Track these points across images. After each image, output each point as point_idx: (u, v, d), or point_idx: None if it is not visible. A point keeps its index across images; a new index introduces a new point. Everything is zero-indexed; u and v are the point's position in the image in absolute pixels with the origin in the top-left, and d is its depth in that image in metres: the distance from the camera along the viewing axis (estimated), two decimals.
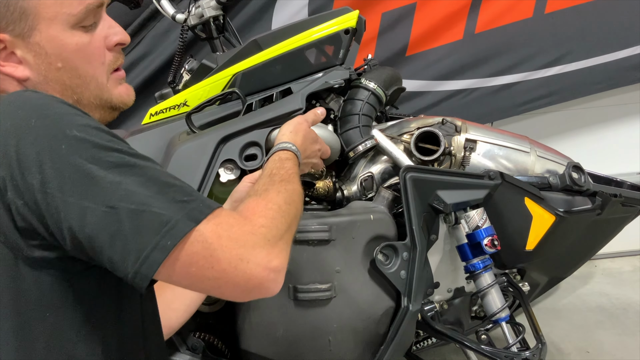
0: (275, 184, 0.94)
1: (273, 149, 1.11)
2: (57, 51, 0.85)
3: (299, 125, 1.19)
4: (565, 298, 2.51)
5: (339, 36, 1.52)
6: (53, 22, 0.83)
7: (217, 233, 0.75)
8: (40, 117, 0.74)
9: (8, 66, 0.85)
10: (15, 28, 0.83)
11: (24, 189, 0.72)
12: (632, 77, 2.52)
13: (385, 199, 1.46)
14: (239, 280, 0.75)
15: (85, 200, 0.72)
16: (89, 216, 0.71)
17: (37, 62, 0.85)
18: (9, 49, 0.84)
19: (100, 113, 0.93)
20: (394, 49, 2.33)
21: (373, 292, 1.38)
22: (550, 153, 1.63)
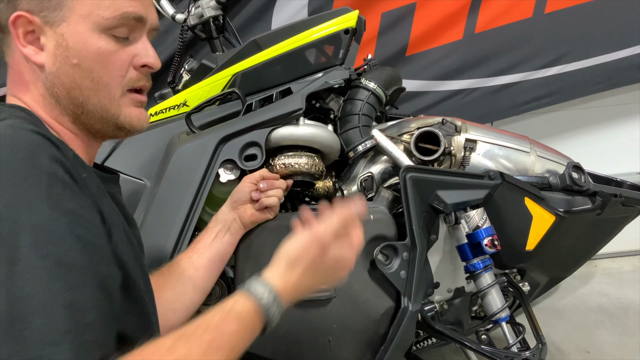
0: (201, 345, 0.75)
1: (247, 283, 0.87)
2: (78, 47, 0.84)
3: (308, 251, 0.90)
4: (566, 298, 2.51)
5: (338, 36, 1.52)
6: (84, 20, 0.83)
7: None
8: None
9: (30, 48, 0.85)
10: (48, 15, 0.83)
11: None
12: (631, 77, 2.52)
13: (385, 199, 1.46)
14: None
15: None
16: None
17: (56, 52, 0.84)
18: (37, 33, 0.84)
19: (103, 126, 0.90)
20: (394, 49, 2.33)
21: (373, 292, 1.38)
22: (550, 153, 1.63)
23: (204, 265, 1.23)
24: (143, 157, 1.48)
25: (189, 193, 1.34)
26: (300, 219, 0.93)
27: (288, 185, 1.38)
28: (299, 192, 1.49)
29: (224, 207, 1.31)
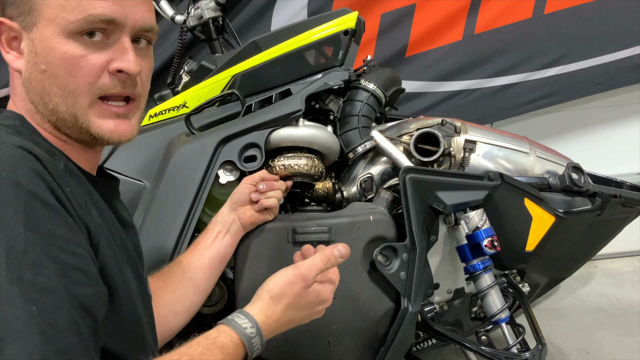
0: None
1: (228, 317, 0.90)
2: (44, 53, 0.81)
3: (291, 286, 0.94)
4: (565, 299, 2.51)
5: (338, 37, 1.52)
6: (51, 24, 0.80)
7: None
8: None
9: (11, 54, 0.84)
10: (24, 20, 0.81)
11: None
12: (631, 77, 2.52)
13: (385, 200, 1.46)
14: None
15: None
16: None
17: (28, 58, 0.82)
18: (18, 39, 0.83)
19: (79, 134, 0.86)
20: (394, 50, 2.32)
21: (373, 293, 1.38)
22: (549, 154, 1.63)
23: (204, 266, 1.23)
24: (143, 159, 1.48)
25: (188, 194, 1.34)
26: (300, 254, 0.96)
27: (287, 186, 1.39)
28: (298, 194, 1.50)
29: (224, 208, 1.31)
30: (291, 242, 1.33)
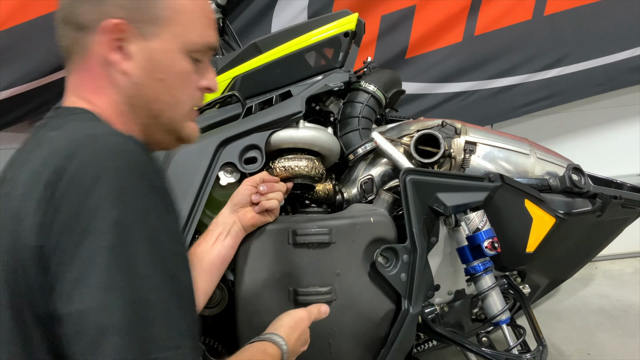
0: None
1: (264, 335, 1.02)
2: (166, 64, 0.86)
3: (301, 322, 1.08)
4: (566, 300, 2.51)
5: (338, 39, 1.52)
6: (175, 39, 0.86)
7: None
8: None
9: (117, 55, 0.84)
10: (143, 27, 0.84)
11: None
12: (631, 78, 2.52)
13: (385, 201, 1.46)
14: None
15: (93, 278, 0.67)
16: (85, 296, 0.67)
17: (145, 64, 0.85)
18: (128, 41, 0.84)
19: (165, 137, 0.93)
20: (394, 52, 2.33)
21: (373, 294, 1.38)
22: (550, 155, 1.63)
23: (205, 268, 1.23)
24: None
25: (189, 196, 1.34)
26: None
27: (288, 188, 1.39)
28: (299, 195, 1.50)
29: (224, 210, 1.31)
30: (292, 244, 1.33)
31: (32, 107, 2.12)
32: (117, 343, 0.65)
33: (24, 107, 2.09)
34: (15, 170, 0.77)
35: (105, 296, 0.66)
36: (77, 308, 0.66)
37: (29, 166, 0.74)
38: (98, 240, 0.67)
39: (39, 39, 2.00)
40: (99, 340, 0.65)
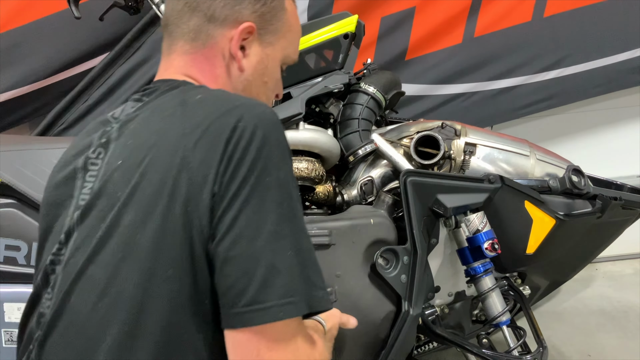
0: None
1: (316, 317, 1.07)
2: (271, 70, 0.99)
3: (332, 317, 1.13)
4: (567, 301, 2.51)
5: (338, 41, 1.52)
6: (281, 51, 0.99)
7: (309, 340, 0.81)
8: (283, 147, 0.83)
9: (240, 52, 0.94)
10: (264, 35, 0.96)
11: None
12: (631, 80, 2.52)
13: (385, 203, 1.46)
14: None
15: (252, 228, 0.76)
16: (241, 244, 0.75)
17: (257, 66, 0.96)
18: (250, 43, 0.95)
19: None
20: (394, 53, 2.33)
21: (374, 296, 1.38)
22: (550, 156, 1.63)
23: None
24: None
25: None
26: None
27: None
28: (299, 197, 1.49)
29: None
30: None
31: (32, 109, 2.12)
32: (285, 281, 0.75)
33: (23, 109, 2.10)
34: (154, 124, 0.84)
35: (276, 242, 0.76)
36: (250, 250, 0.75)
37: (193, 121, 0.81)
38: (268, 195, 0.77)
39: (39, 41, 2.01)
40: (270, 279, 0.74)
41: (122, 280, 0.76)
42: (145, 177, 0.79)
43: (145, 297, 0.76)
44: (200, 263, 0.77)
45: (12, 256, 1.35)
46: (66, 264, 0.82)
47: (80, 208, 0.84)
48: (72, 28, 2.01)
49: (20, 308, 1.36)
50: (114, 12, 1.63)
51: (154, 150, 0.81)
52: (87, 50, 2.09)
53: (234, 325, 0.75)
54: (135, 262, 0.77)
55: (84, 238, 0.81)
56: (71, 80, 2.11)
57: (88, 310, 0.77)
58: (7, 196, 1.37)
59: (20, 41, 1.96)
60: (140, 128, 0.86)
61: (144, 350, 0.75)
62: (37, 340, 0.82)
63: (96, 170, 0.86)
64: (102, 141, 0.89)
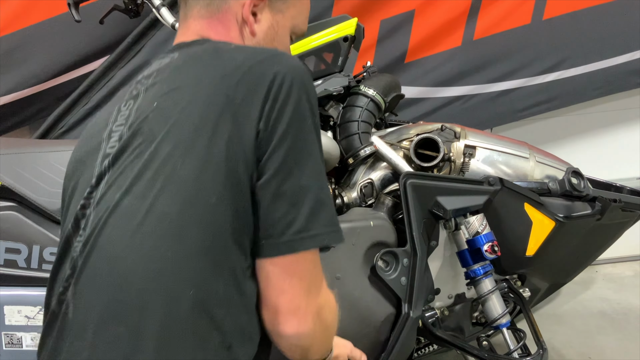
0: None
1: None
2: (281, 36, 1.02)
3: (343, 347, 1.16)
4: (567, 303, 2.51)
5: (337, 44, 1.53)
6: (290, 20, 1.02)
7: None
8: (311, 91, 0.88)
9: (251, 17, 0.97)
10: (275, 2, 0.99)
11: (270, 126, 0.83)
12: (631, 82, 2.53)
13: (385, 205, 1.46)
14: (293, 308, 0.85)
15: (299, 166, 0.83)
16: (292, 179, 0.82)
17: (267, 32, 0.99)
18: (261, 9, 0.98)
19: None
20: (393, 56, 2.33)
21: (373, 298, 1.38)
22: (549, 159, 1.63)
23: None
24: None
25: None
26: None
27: None
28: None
29: None
30: None
31: (32, 112, 2.13)
32: (328, 213, 0.85)
33: (24, 112, 2.10)
34: (189, 70, 0.89)
35: (319, 178, 0.85)
36: (300, 185, 0.82)
37: (232, 64, 0.85)
38: (309, 136, 0.85)
39: (39, 44, 2.01)
40: (316, 211, 0.83)
41: (162, 208, 0.79)
42: (184, 114, 0.83)
43: (186, 224, 0.79)
44: (244, 194, 0.82)
45: (13, 259, 1.35)
46: (98, 202, 0.85)
47: (111, 154, 0.87)
48: (72, 31, 2.01)
49: (20, 311, 1.36)
50: (114, 15, 1.63)
51: (192, 89, 0.85)
52: (88, 54, 2.10)
53: (283, 252, 0.82)
54: (176, 192, 0.80)
55: (118, 176, 0.84)
56: (71, 83, 2.11)
57: (126, 240, 0.80)
58: (7, 199, 1.37)
59: (20, 44, 1.96)
60: (175, 74, 0.90)
61: (185, 277, 0.79)
62: (71, 278, 0.84)
63: (124, 118, 0.89)
64: (133, 94, 0.93)
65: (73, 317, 0.82)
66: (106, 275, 0.80)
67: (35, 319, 1.36)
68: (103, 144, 0.90)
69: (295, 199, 0.83)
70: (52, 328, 0.86)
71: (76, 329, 0.81)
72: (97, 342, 0.79)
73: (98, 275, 0.81)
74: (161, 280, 0.78)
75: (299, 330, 0.85)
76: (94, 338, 0.79)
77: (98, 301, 0.80)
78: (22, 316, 1.36)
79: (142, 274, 0.78)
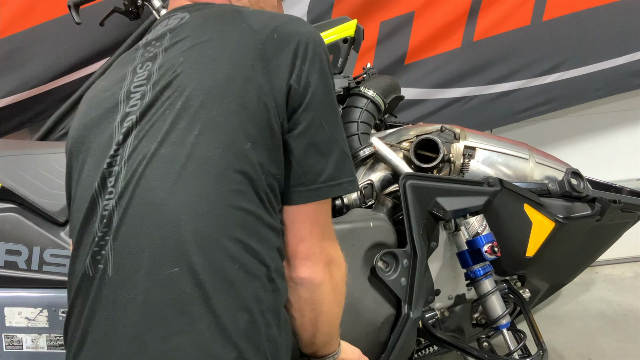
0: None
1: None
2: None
3: (352, 354, 1.18)
4: (567, 305, 2.51)
5: (337, 45, 1.53)
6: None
7: None
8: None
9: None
10: None
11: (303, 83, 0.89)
12: (630, 83, 2.53)
13: (385, 206, 1.46)
14: (312, 252, 0.93)
15: (327, 119, 0.90)
16: (322, 131, 0.90)
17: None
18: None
19: None
20: (393, 58, 2.33)
21: (373, 299, 1.38)
22: (549, 159, 1.64)
23: None
24: None
25: None
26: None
27: None
28: None
29: None
30: None
31: (32, 114, 2.13)
32: (350, 164, 0.94)
33: (24, 114, 2.10)
34: (213, 26, 0.92)
35: (341, 132, 0.94)
36: (328, 137, 0.90)
37: (259, 22, 0.90)
38: (332, 92, 0.93)
39: (40, 46, 2.01)
40: (341, 161, 0.92)
41: (202, 153, 0.83)
42: (214, 64, 0.86)
43: (225, 168, 0.83)
44: (276, 141, 0.87)
45: (13, 260, 1.35)
46: (130, 156, 0.86)
47: (136, 112, 0.88)
48: (72, 33, 2.02)
49: (21, 312, 1.36)
50: (115, 17, 1.64)
51: (221, 41, 0.89)
52: (88, 56, 2.10)
53: (312, 198, 0.90)
54: (214, 136, 0.83)
55: (149, 128, 0.86)
56: (72, 85, 2.11)
57: (169, 185, 0.82)
58: (8, 201, 1.37)
59: (21, 46, 1.96)
60: (198, 30, 0.92)
61: (229, 218, 0.83)
62: (107, 235, 0.85)
63: (144, 79, 0.91)
64: (147, 56, 0.94)
65: (114, 271, 0.83)
66: (154, 220, 0.82)
67: (35, 320, 1.36)
68: (121, 106, 0.91)
69: (325, 149, 0.90)
70: (84, 291, 0.87)
71: (120, 280, 0.83)
72: (151, 285, 0.80)
73: (144, 221, 0.82)
74: (209, 221, 0.81)
75: (311, 276, 0.92)
76: (147, 282, 0.81)
77: (148, 245, 0.82)
78: (23, 318, 1.36)
79: (191, 215, 0.81)
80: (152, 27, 1.01)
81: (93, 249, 0.86)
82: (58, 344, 1.36)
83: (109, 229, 0.85)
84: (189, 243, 0.80)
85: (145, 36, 1.01)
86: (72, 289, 0.89)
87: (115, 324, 0.82)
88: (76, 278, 0.88)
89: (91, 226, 0.87)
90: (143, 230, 0.82)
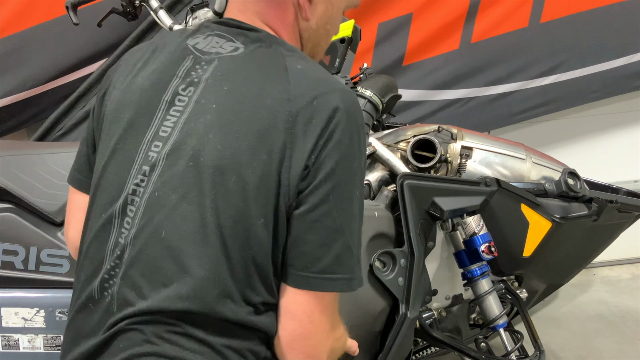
0: None
1: None
2: (334, 18, 1.02)
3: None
4: (564, 306, 2.51)
5: (334, 45, 1.53)
6: (345, 0, 1.03)
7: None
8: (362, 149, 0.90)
9: (307, 2, 0.97)
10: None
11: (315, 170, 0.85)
12: (628, 85, 2.53)
13: (386, 197, 1.47)
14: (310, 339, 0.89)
15: (337, 208, 0.85)
16: (327, 219, 0.84)
17: (322, 15, 0.99)
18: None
19: None
20: (391, 59, 2.34)
21: (371, 299, 1.37)
22: (545, 160, 1.64)
23: None
24: None
25: None
26: None
27: None
28: None
29: None
30: None
31: (30, 114, 2.13)
32: (353, 261, 0.87)
33: (22, 114, 2.10)
34: (255, 79, 0.89)
35: (352, 223, 0.87)
36: (334, 226, 0.84)
37: (297, 90, 0.86)
38: (353, 179, 0.86)
39: (38, 47, 2.02)
40: (343, 255, 0.85)
41: (216, 220, 0.83)
42: (242, 126, 0.85)
43: (235, 240, 0.83)
44: (282, 220, 0.84)
45: (10, 261, 1.35)
46: (150, 197, 0.86)
47: (165, 143, 0.87)
48: (70, 34, 2.02)
49: (17, 313, 1.36)
50: (112, 18, 1.64)
51: (255, 103, 0.86)
52: (86, 56, 2.10)
53: (300, 285, 0.85)
54: (230, 204, 0.83)
55: (172, 175, 0.86)
56: (69, 85, 2.12)
57: (184, 246, 0.83)
58: (5, 201, 1.37)
59: (18, 47, 1.97)
60: (239, 77, 0.89)
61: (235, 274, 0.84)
62: (117, 268, 0.86)
63: (182, 106, 0.89)
64: (192, 78, 0.91)
65: (118, 309, 0.85)
66: (160, 273, 0.84)
67: (32, 320, 1.36)
68: (158, 114, 0.90)
69: (327, 239, 0.84)
70: (88, 311, 0.88)
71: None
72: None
73: (153, 270, 0.84)
74: (214, 290, 0.83)
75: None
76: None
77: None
78: (19, 318, 1.36)
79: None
80: (207, 21, 1.02)
81: (103, 276, 0.87)
82: (55, 345, 1.36)
83: (119, 263, 0.86)
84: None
85: (197, 26, 1.00)
86: (77, 301, 0.90)
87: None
88: (82, 292, 0.90)
89: (103, 244, 0.89)
90: (148, 277, 0.85)
